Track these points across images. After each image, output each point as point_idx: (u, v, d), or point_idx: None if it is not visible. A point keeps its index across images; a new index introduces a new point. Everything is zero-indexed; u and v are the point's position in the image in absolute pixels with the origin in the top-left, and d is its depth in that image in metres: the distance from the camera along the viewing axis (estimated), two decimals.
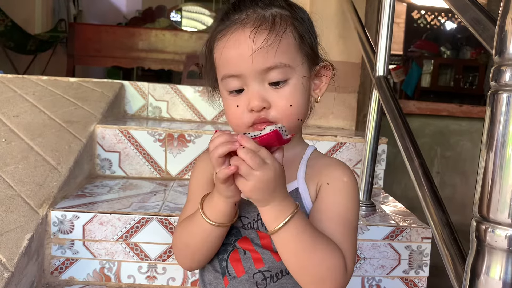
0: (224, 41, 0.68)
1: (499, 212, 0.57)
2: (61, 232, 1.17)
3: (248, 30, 0.66)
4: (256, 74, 0.66)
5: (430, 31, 6.26)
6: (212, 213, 0.67)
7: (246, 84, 0.67)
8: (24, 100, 1.65)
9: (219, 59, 0.70)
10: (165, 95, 1.98)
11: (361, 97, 2.05)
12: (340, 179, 0.69)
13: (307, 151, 0.74)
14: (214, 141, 0.61)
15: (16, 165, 1.26)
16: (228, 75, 0.68)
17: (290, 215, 0.61)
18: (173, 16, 5.80)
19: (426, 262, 1.23)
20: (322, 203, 0.68)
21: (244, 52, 0.66)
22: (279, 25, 0.67)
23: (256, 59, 0.65)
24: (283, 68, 0.67)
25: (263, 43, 0.65)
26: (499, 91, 0.58)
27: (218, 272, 0.72)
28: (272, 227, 0.62)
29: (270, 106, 0.67)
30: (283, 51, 0.66)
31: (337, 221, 0.66)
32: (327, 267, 0.63)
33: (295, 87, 0.68)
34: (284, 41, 0.67)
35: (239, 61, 0.66)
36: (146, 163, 1.59)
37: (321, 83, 0.74)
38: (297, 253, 0.62)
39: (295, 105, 0.68)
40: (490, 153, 0.58)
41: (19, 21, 4.53)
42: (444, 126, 2.63)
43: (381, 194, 1.60)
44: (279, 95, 0.67)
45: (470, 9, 0.76)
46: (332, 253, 0.63)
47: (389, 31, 1.37)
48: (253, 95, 0.67)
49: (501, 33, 0.57)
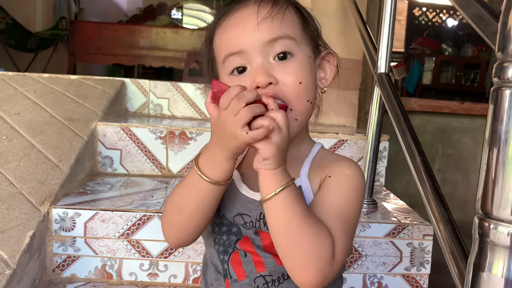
0: (225, 24, 0.67)
1: (501, 209, 0.57)
2: (62, 230, 1.17)
3: (251, 4, 0.65)
4: (260, 48, 0.64)
5: (432, 28, 6.24)
6: (209, 169, 0.63)
7: (249, 61, 0.65)
8: (25, 97, 1.65)
9: (219, 44, 0.68)
10: (166, 93, 1.98)
11: (362, 94, 2.04)
12: (343, 172, 0.66)
13: (314, 149, 0.72)
14: (242, 97, 0.57)
15: (17, 163, 1.26)
16: (229, 53, 0.66)
17: (288, 182, 0.60)
18: (174, 14, 5.80)
19: (428, 259, 1.23)
20: (321, 194, 0.66)
21: (248, 26, 0.64)
22: (282, 2, 0.67)
23: (260, 29, 0.63)
24: (288, 40, 0.65)
25: (268, 14, 0.64)
26: (502, 88, 0.57)
27: (220, 274, 0.70)
28: (269, 191, 0.60)
29: (278, 82, 0.64)
30: (287, 24, 0.65)
31: (333, 212, 0.63)
32: (314, 243, 0.59)
33: (302, 64, 0.66)
34: (288, 16, 0.66)
35: (242, 36, 0.65)
36: (147, 160, 1.59)
37: (326, 74, 0.72)
38: (287, 222, 0.60)
39: (304, 82, 0.65)
40: (492, 150, 0.58)
41: (20, 19, 4.53)
42: (445, 124, 2.62)
43: (383, 191, 1.60)
44: (286, 70, 0.64)
45: (472, 5, 0.76)
46: (321, 232, 0.60)
47: (390, 28, 1.36)
48: (258, 70, 0.64)
49: (504, 29, 0.57)
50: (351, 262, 1.21)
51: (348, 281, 1.22)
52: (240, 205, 0.69)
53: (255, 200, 0.68)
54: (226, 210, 0.70)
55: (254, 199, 0.68)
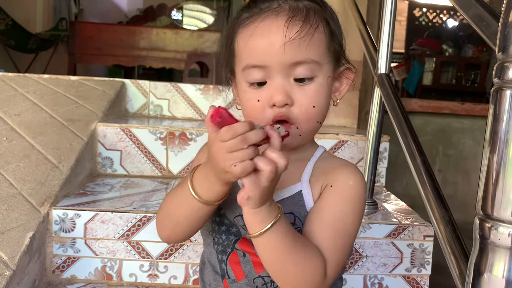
0: (252, 29, 0.64)
1: (502, 210, 0.56)
2: (62, 231, 1.17)
3: (282, 19, 0.63)
4: (283, 68, 0.63)
5: (432, 28, 6.24)
6: (201, 190, 0.61)
7: (269, 77, 0.64)
8: (26, 98, 1.65)
9: (243, 48, 0.66)
10: (166, 93, 1.98)
11: (362, 95, 2.04)
12: (345, 182, 0.65)
13: (316, 153, 0.71)
14: (249, 137, 0.54)
15: (17, 164, 1.26)
16: (251, 65, 0.64)
17: (275, 219, 0.58)
18: (174, 15, 5.81)
19: (429, 260, 1.23)
20: (321, 204, 0.65)
21: (275, 42, 0.62)
22: (313, 18, 0.64)
23: (286, 50, 0.62)
24: (311, 65, 0.64)
25: (296, 35, 0.62)
26: (503, 88, 0.57)
27: (218, 274, 0.70)
28: (256, 230, 0.58)
29: (293, 104, 0.63)
30: (314, 46, 0.63)
31: (329, 225, 0.62)
32: (304, 272, 0.60)
33: (321, 86, 0.65)
34: (316, 36, 0.64)
35: (267, 52, 0.63)
36: (147, 161, 1.58)
37: (341, 86, 0.71)
38: (275, 256, 0.60)
39: (318, 106, 0.65)
40: (493, 151, 0.58)
41: (20, 20, 4.54)
42: (446, 124, 2.62)
43: (383, 192, 1.59)
44: (304, 92, 0.64)
45: (473, 5, 0.76)
46: (311, 259, 0.60)
47: (391, 29, 1.36)
48: (277, 89, 0.63)
49: (504, 30, 0.57)
50: (352, 263, 1.21)
51: (349, 282, 1.21)
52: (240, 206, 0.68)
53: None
54: (227, 210, 0.69)
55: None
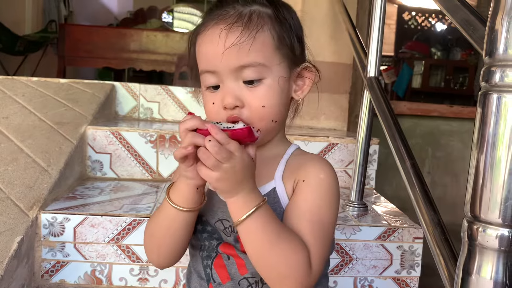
0: (202, 36, 0.68)
1: (490, 212, 0.57)
2: (51, 235, 1.16)
3: (221, 27, 0.65)
4: (230, 72, 0.65)
5: (421, 32, 6.30)
6: (175, 196, 0.66)
7: (221, 80, 0.67)
8: (14, 101, 1.64)
9: (198, 54, 0.70)
10: (157, 96, 1.97)
11: (352, 98, 2.05)
12: (316, 176, 0.67)
13: (288, 150, 0.73)
14: (184, 123, 0.61)
15: (5, 167, 1.25)
16: (205, 70, 0.68)
17: (255, 207, 0.60)
18: (164, 17, 5.78)
19: (418, 262, 1.24)
20: (296, 200, 0.67)
21: (218, 49, 0.65)
22: (255, 22, 0.66)
23: (228, 56, 0.64)
24: (256, 67, 0.65)
25: (236, 40, 0.64)
26: (490, 92, 0.58)
27: (203, 280, 0.71)
28: (237, 218, 0.61)
29: (244, 106, 0.66)
30: (257, 49, 0.65)
31: (306, 219, 0.64)
32: (288, 263, 0.61)
33: (270, 87, 0.67)
34: (259, 39, 0.65)
35: (213, 58, 0.66)
36: (137, 164, 1.58)
37: (304, 85, 0.72)
38: (259, 246, 0.61)
39: (268, 106, 0.66)
40: (481, 153, 0.58)
41: (9, 22, 4.49)
42: (434, 127, 2.64)
43: (373, 195, 1.60)
44: (253, 95, 0.66)
45: (460, 10, 0.77)
46: (295, 250, 0.61)
47: (380, 32, 1.37)
48: (227, 92, 0.66)
49: (491, 34, 0.58)
50: (342, 265, 1.21)
51: (339, 285, 1.22)
52: (220, 210, 0.70)
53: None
54: (208, 216, 0.71)
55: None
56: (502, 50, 0.56)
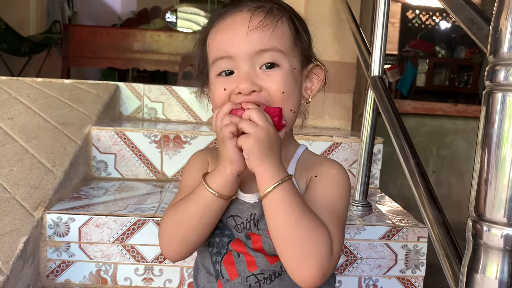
0: (218, 26, 0.69)
1: (494, 211, 0.57)
2: (56, 235, 1.16)
3: (246, 10, 0.67)
4: (249, 57, 0.66)
5: (425, 30, 6.28)
6: (214, 182, 0.66)
7: (236, 66, 0.67)
8: (19, 102, 1.64)
9: (211, 45, 0.70)
10: (161, 96, 1.98)
11: (356, 97, 2.05)
12: (328, 172, 0.69)
13: (298, 150, 0.75)
14: (221, 111, 0.65)
15: (11, 168, 1.26)
16: (219, 56, 0.68)
17: (282, 179, 0.62)
18: (168, 17, 5.79)
19: (423, 261, 1.23)
20: (309, 194, 0.68)
21: (239, 32, 0.66)
22: (276, 13, 0.68)
23: (250, 38, 0.65)
24: (276, 53, 0.67)
25: (260, 24, 0.66)
26: (494, 91, 0.58)
27: (212, 275, 0.71)
28: (265, 188, 0.62)
29: (261, 90, 0.66)
30: (278, 36, 0.67)
31: (324, 209, 0.65)
32: (313, 239, 0.61)
33: (287, 74, 0.67)
34: (280, 28, 0.67)
35: (232, 42, 0.66)
36: (142, 164, 1.58)
37: (312, 85, 0.74)
38: (285, 220, 0.61)
39: (287, 92, 0.67)
40: (485, 152, 0.58)
41: (13, 23, 4.51)
42: (439, 126, 2.64)
43: (377, 194, 1.60)
44: (270, 79, 0.66)
45: (465, 8, 0.76)
46: (319, 228, 0.62)
47: (384, 31, 1.37)
48: (243, 77, 0.66)
49: (495, 33, 0.57)
50: (346, 265, 1.21)
51: (344, 284, 1.22)
52: (232, 207, 0.70)
53: (246, 202, 0.70)
54: None
55: (245, 201, 0.70)
56: (507, 49, 0.56)
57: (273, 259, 0.68)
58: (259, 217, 0.68)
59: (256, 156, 0.62)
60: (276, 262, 0.68)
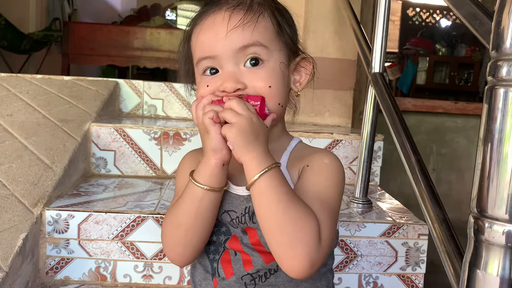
0: (201, 25, 0.69)
1: (496, 208, 0.57)
2: (56, 232, 1.16)
3: (224, 9, 0.67)
4: (232, 55, 0.65)
5: (425, 28, 6.27)
6: (201, 176, 0.66)
7: (220, 66, 0.67)
8: (18, 99, 1.64)
9: (195, 45, 0.70)
10: (161, 93, 1.97)
11: (357, 94, 2.05)
12: (321, 161, 0.68)
13: (292, 143, 0.74)
14: (201, 102, 0.65)
15: (10, 164, 1.25)
16: (203, 57, 0.68)
17: (269, 167, 0.61)
18: (168, 15, 5.79)
19: (423, 259, 1.23)
20: (301, 183, 0.67)
21: (220, 31, 0.65)
22: (257, 8, 0.68)
23: (231, 37, 0.65)
24: (259, 47, 0.66)
25: (239, 22, 0.65)
26: (496, 86, 0.57)
27: (208, 273, 0.71)
28: (251, 177, 0.61)
29: (246, 87, 0.66)
30: (259, 31, 0.66)
31: (314, 198, 0.64)
32: (300, 228, 0.60)
33: (272, 70, 0.67)
34: (261, 23, 0.67)
35: (214, 41, 0.66)
36: (141, 161, 1.58)
37: (301, 77, 0.73)
38: (272, 208, 0.61)
39: (275, 86, 0.67)
40: (487, 149, 0.58)
41: (13, 20, 4.50)
42: (439, 123, 2.63)
43: (378, 191, 1.60)
44: (256, 76, 0.66)
45: (466, 4, 0.76)
46: (307, 216, 0.61)
47: (384, 28, 1.36)
48: (228, 76, 0.66)
49: (498, 28, 0.57)
50: (347, 262, 1.21)
51: (344, 281, 1.21)
52: (226, 202, 0.70)
53: (239, 196, 0.70)
54: None
55: (238, 194, 0.70)
56: (509, 44, 0.55)
57: (269, 258, 0.68)
58: (254, 209, 0.68)
59: (241, 145, 0.61)
60: (272, 261, 0.68)
